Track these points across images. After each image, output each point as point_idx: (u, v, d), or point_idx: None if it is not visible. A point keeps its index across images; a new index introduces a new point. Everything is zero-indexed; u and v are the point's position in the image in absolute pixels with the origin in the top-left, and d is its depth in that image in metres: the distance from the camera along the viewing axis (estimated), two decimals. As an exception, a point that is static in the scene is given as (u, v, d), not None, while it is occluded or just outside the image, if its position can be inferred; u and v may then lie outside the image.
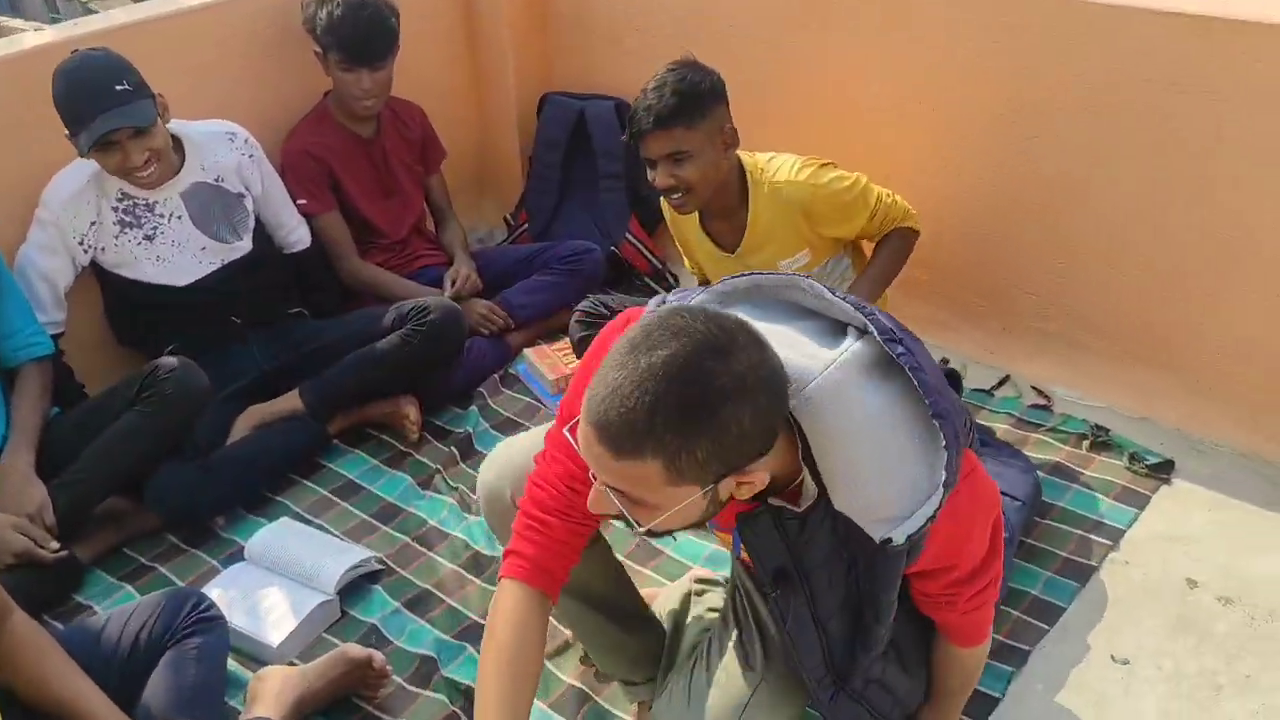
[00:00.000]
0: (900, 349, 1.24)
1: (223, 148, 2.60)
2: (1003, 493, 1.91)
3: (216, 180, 2.58)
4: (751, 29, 2.93)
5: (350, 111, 2.88)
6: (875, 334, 1.25)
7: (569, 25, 3.39)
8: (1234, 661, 1.94)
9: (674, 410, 1.10)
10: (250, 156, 2.65)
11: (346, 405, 2.67)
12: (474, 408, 2.77)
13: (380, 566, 2.26)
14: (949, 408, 1.24)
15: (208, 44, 2.81)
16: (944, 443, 1.23)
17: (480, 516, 2.38)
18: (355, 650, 1.94)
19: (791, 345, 1.25)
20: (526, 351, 2.94)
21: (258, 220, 2.69)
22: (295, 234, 2.81)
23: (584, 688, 1.96)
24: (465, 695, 1.93)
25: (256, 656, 2.05)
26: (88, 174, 2.40)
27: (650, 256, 3.31)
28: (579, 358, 2.65)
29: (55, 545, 2.14)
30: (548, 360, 2.87)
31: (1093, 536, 2.23)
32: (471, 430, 2.68)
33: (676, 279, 3.34)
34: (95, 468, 2.25)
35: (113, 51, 2.31)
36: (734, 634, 1.63)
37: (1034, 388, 2.71)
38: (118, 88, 2.25)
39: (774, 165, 2.31)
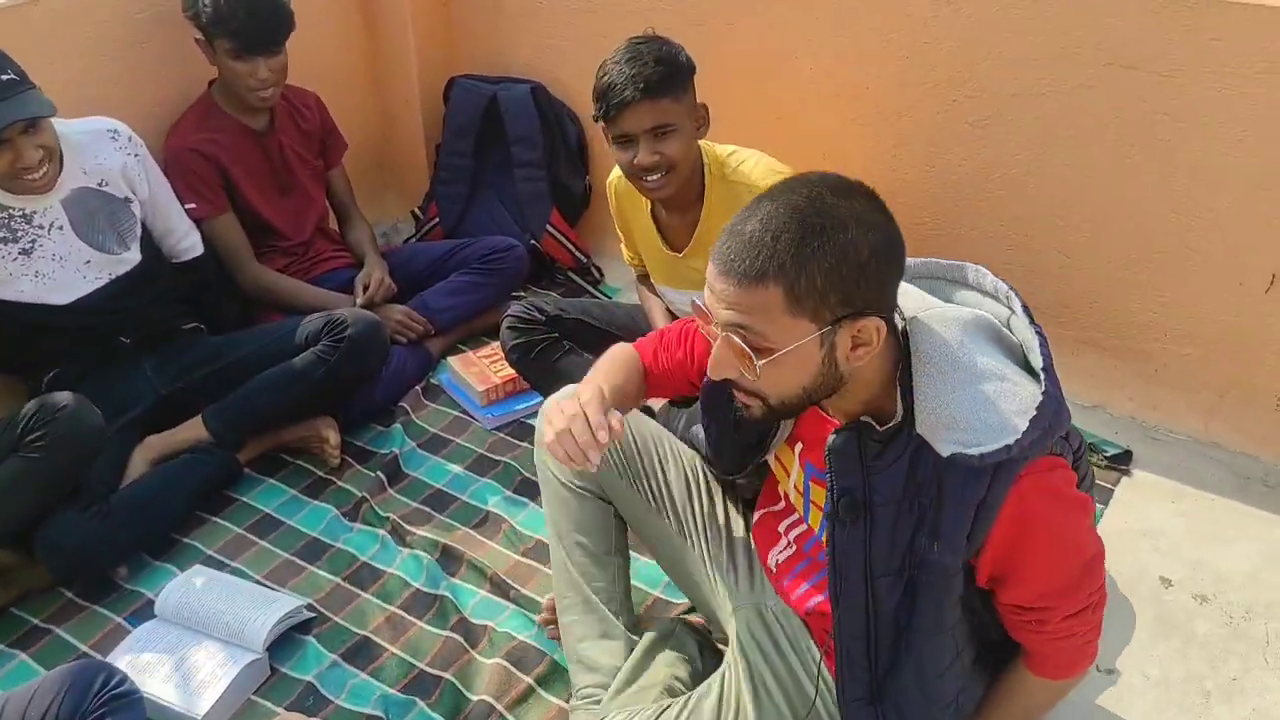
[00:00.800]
0: (1039, 334, 1.29)
1: (105, 148, 2.31)
2: None
3: (100, 185, 2.29)
4: (676, 5, 2.76)
5: (243, 103, 2.61)
6: (1020, 312, 1.31)
7: (475, 5, 3.16)
8: (1218, 665, 1.89)
9: (795, 233, 1.18)
10: (135, 156, 2.36)
11: (258, 431, 2.42)
12: (398, 425, 2.56)
13: (311, 614, 2.05)
14: (1059, 394, 1.26)
15: (76, 32, 2.50)
16: (1039, 401, 1.23)
17: (417, 550, 2.19)
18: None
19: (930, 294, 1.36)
20: (450, 360, 2.73)
21: (144, 227, 2.41)
22: (185, 241, 2.53)
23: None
24: (419, 756, 1.76)
25: None
26: None
27: (573, 249, 3.13)
28: (513, 367, 2.45)
29: None
30: (474, 369, 2.67)
31: (1061, 536, 2.17)
32: (397, 450, 2.47)
33: (601, 272, 3.17)
34: None
35: None
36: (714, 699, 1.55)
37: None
38: (3, 78, 1.98)
39: (736, 160, 2.15)
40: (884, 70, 2.53)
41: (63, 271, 2.26)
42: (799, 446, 1.52)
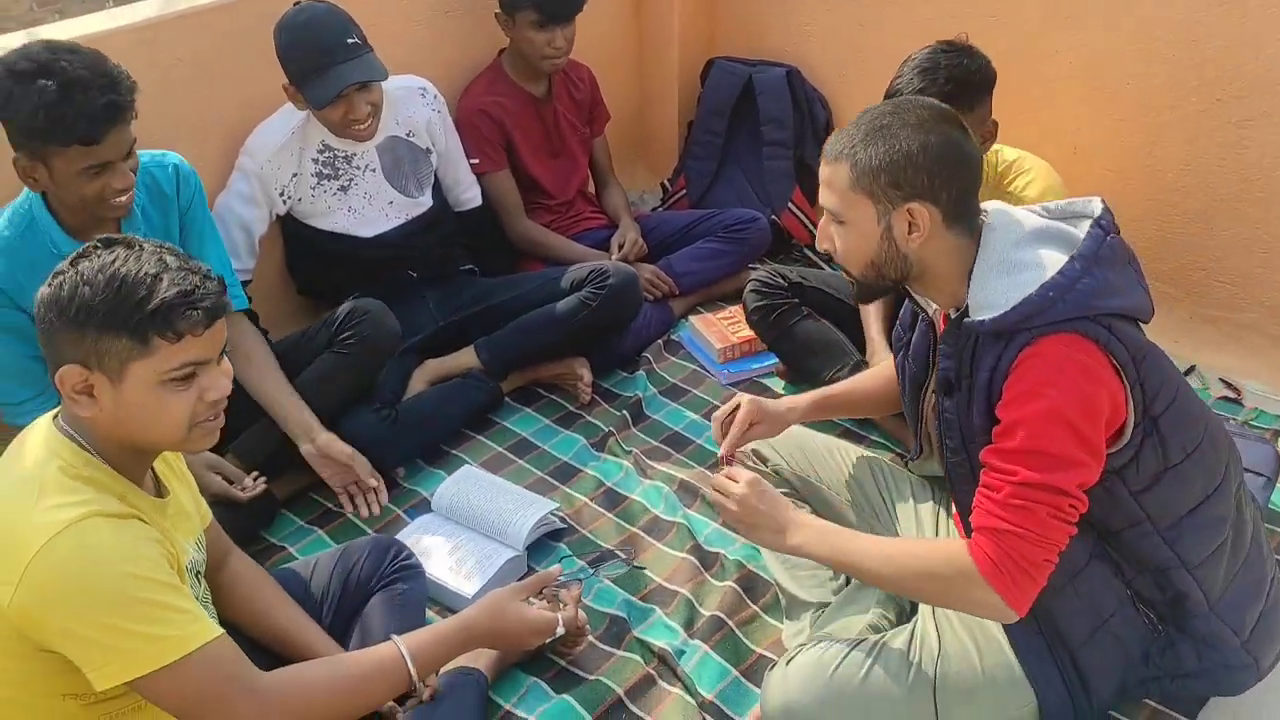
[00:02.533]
0: (1100, 234, 1.50)
1: (415, 103, 2.62)
2: (1246, 468, 1.89)
3: (408, 135, 2.61)
4: (937, -2, 2.86)
5: (532, 70, 2.88)
6: (1094, 224, 1.52)
7: (740, -11, 3.35)
8: None
9: (867, 127, 1.52)
10: (438, 113, 2.67)
11: (521, 363, 2.69)
12: (641, 372, 2.78)
13: (563, 524, 2.28)
14: (1075, 281, 1.44)
15: (379, 2, 2.82)
16: (1043, 281, 1.44)
17: (657, 481, 2.39)
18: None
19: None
20: (692, 319, 2.93)
21: (436, 177, 2.72)
22: (469, 192, 2.84)
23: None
24: (659, 657, 1.95)
25: (450, 606, 2.08)
26: (292, 126, 2.44)
27: (811, 227, 3.27)
28: (752, 328, 2.64)
29: (250, 481, 2.19)
30: (714, 329, 2.85)
31: (1295, 536, 2.16)
32: (640, 395, 2.69)
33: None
34: None
35: (334, 5, 2.35)
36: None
37: (1222, 380, 2.62)
38: (349, 41, 2.30)
39: (1017, 170, 2.24)
40: (1148, 68, 2.55)
41: (370, 209, 2.58)
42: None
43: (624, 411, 2.63)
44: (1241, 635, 1.64)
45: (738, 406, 1.88)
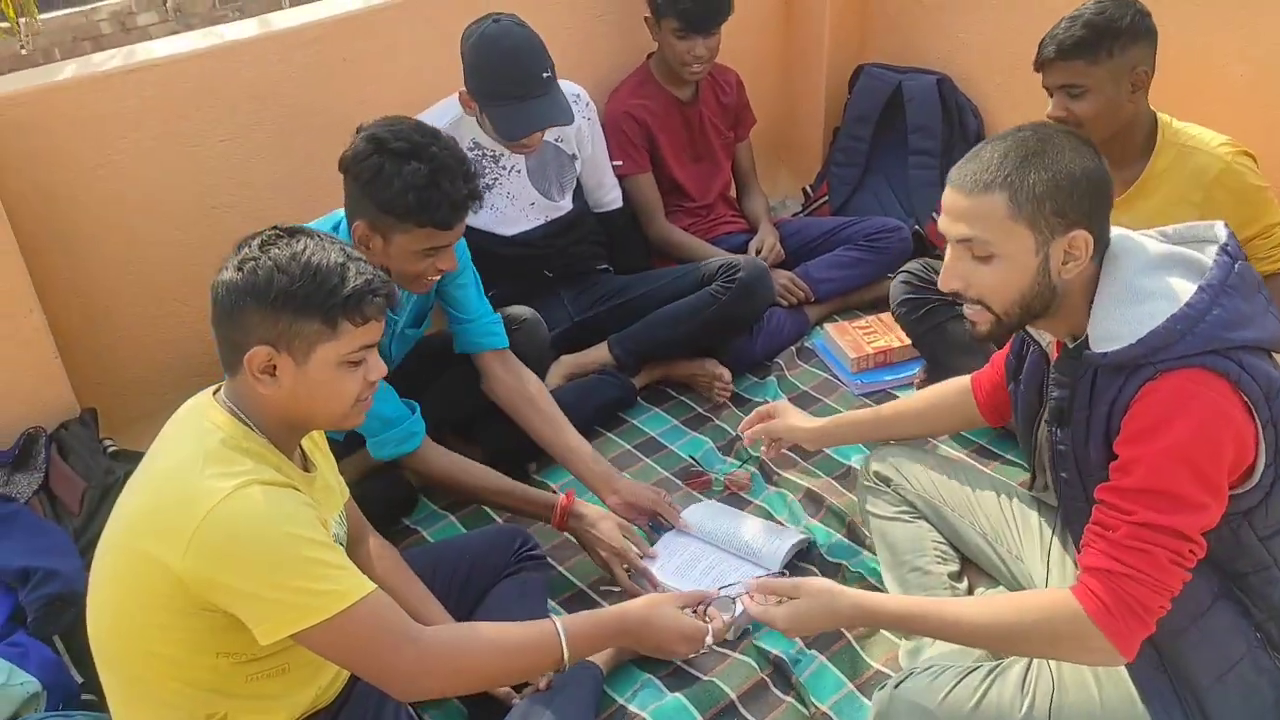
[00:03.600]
0: (1229, 261, 1.42)
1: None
2: None
3: (557, 140, 2.67)
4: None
5: (675, 76, 2.91)
6: (1218, 250, 1.44)
7: (893, -5, 3.31)
8: None
9: (1019, 153, 1.43)
10: (589, 120, 2.72)
11: (654, 357, 2.73)
12: (772, 378, 2.78)
13: (810, 542, 2.23)
14: (1208, 313, 1.37)
15: (537, 4, 2.88)
16: (1172, 314, 1.37)
17: (783, 489, 2.38)
18: None
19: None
20: (826, 327, 2.91)
21: (578, 181, 2.77)
22: (610, 194, 2.88)
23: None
24: (774, 665, 1.95)
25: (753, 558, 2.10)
26: (446, 121, 2.50)
27: (956, 239, 3.20)
28: (898, 321, 2.62)
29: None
30: (848, 338, 2.83)
31: None
32: (771, 400, 2.68)
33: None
34: None
35: (532, 31, 2.38)
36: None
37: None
38: (544, 75, 2.34)
39: (1191, 130, 2.20)
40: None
41: (512, 208, 2.65)
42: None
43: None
44: None
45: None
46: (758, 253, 2.96)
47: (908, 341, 2.73)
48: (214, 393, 1.52)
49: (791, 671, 1.92)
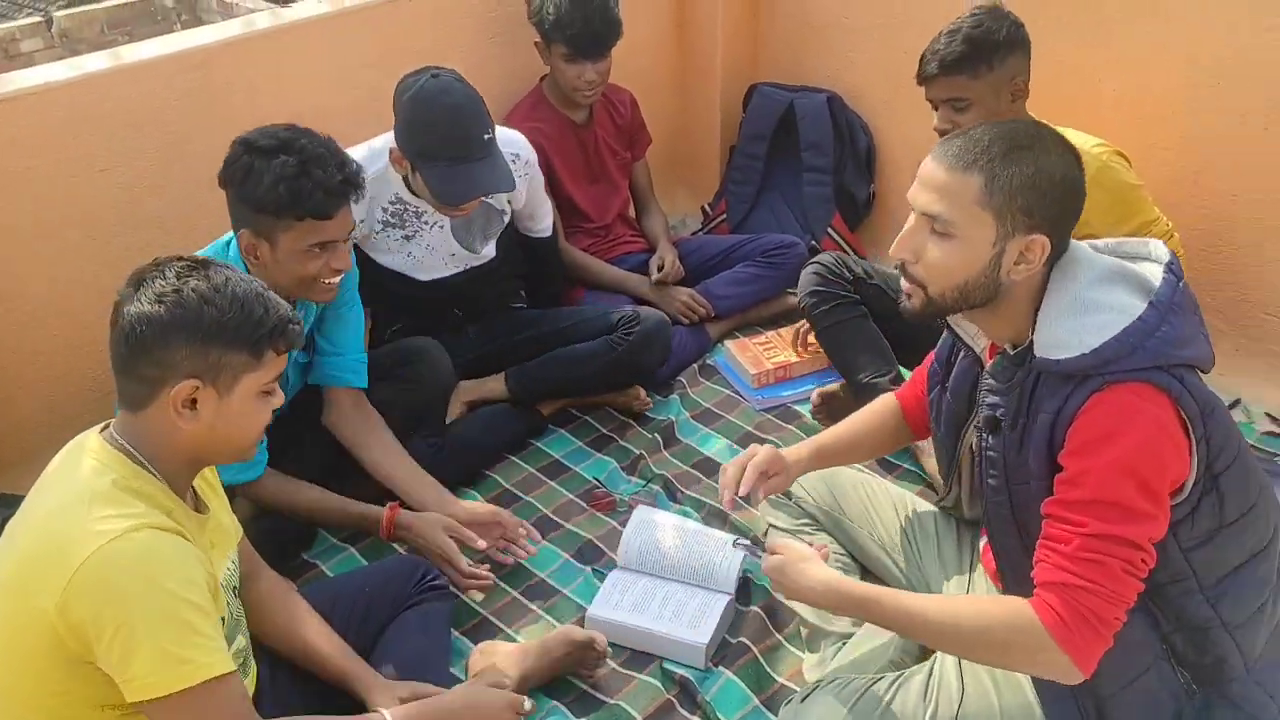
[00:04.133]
0: (1175, 280, 1.43)
1: None
2: None
3: (487, 197, 2.51)
4: (978, 25, 2.85)
5: (568, 99, 2.92)
6: (1163, 264, 1.45)
7: (782, 15, 3.36)
8: None
9: (1007, 142, 1.44)
10: (523, 177, 2.59)
11: (548, 397, 2.71)
12: (675, 396, 2.79)
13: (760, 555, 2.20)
14: (1156, 327, 1.39)
15: (443, 24, 2.88)
16: (1124, 325, 1.38)
17: (686, 506, 2.39)
18: (578, 633, 1.98)
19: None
20: (727, 344, 2.94)
21: (507, 225, 2.69)
22: (541, 224, 2.78)
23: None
24: (680, 685, 1.95)
25: (685, 661, 2.00)
26: (370, 173, 2.31)
27: (851, 252, 3.26)
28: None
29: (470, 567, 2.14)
30: (749, 354, 2.86)
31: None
32: (673, 419, 2.69)
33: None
34: None
35: (471, 85, 2.28)
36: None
37: (1268, 414, 2.57)
38: (485, 137, 2.26)
39: (1067, 134, 2.22)
40: (1193, 95, 2.52)
41: (431, 258, 2.56)
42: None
43: (656, 435, 2.63)
44: (1278, 700, 1.57)
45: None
46: (659, 269, 2.97)
47: (806, 356, 2.78)
48: (100, 430, 1.47)
49: (698, 690, 1.92)
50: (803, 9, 3.30)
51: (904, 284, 1.55)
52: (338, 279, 2.02)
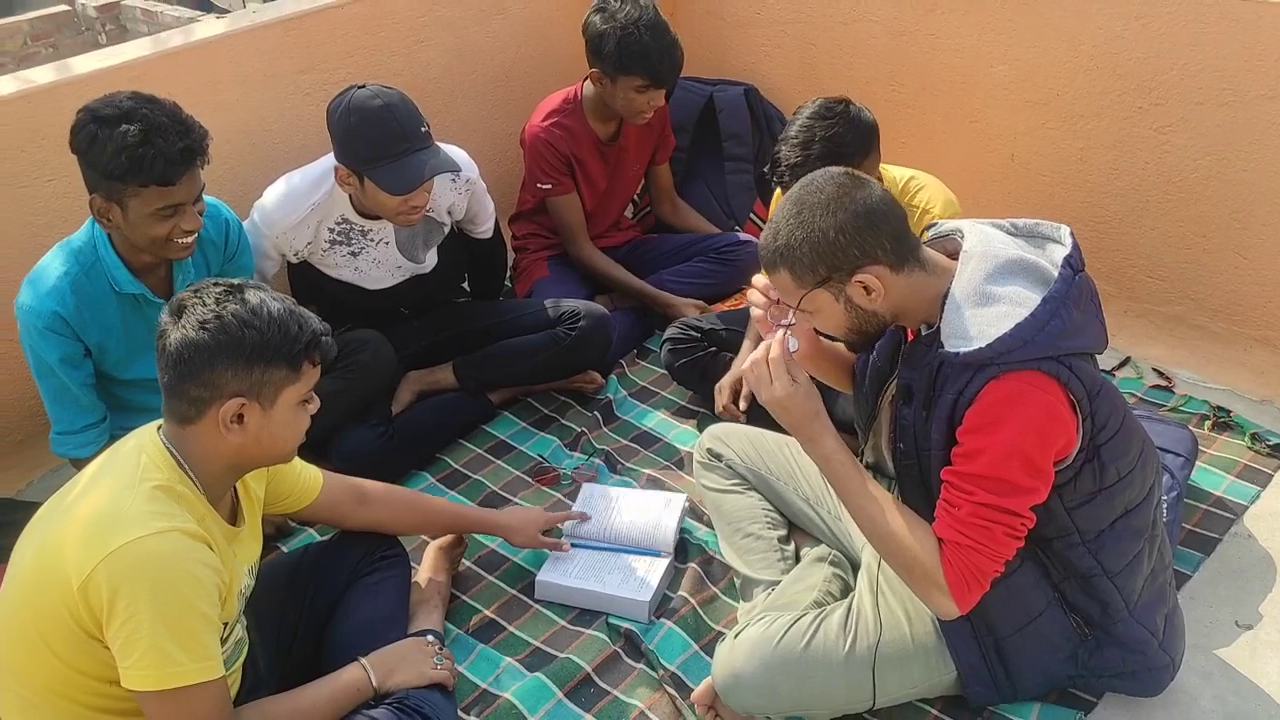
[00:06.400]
0: (1070, 274, 1.59)
1: (445, 188, 2.63)
2: (1164, 449, 2.13)
3: (428, 211, 2.60)
4: (877, 15, 3.04)
5: (606, 115, 2.99)
6: (1062, 261, 1.60)
7: (700, 13, 3.53)
8: (1358, 631, 2.02)
9: (785, 232, 1.62)
10: (463, 193, 2.68)
11: (494, 385, 2.83)
12: (613, 376, 2.95)
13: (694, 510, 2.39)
14: (1048, 321, 1.54)
15: (361, 33, 2.99)
16: (1019, 320, 1.53)
17: (626, 477, 2.55)
18: (440, 541, 2.25)
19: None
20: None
21: (448, 232, 2.78)
22: (483, 226, 2.87)
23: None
24: (625, 637, 2.11)
25: (631, 616, 2.15)
26: (312, 202, 2.47)
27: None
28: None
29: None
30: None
31: (1216, 511, 2.33)
32: (612, 397, 2.85)
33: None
34: None
35: (397, 89, 2.37)
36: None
37: (1155, 369, 2.79)
38: (423, 130, 2.35)
39: (915, 185, 2.36)
40: (1074, 79, 2.73)
41: (377, 271, 2.67)
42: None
43: (596, 413, 2.79)
44: (1158, 636, 1.80)
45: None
46: (700, 312, 3.01)
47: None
48: (158, 429, 1.59)
49: (641, 640, 2.08)
50: (719, 6, 3.47)
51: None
52: (191, 239, 2.10)
